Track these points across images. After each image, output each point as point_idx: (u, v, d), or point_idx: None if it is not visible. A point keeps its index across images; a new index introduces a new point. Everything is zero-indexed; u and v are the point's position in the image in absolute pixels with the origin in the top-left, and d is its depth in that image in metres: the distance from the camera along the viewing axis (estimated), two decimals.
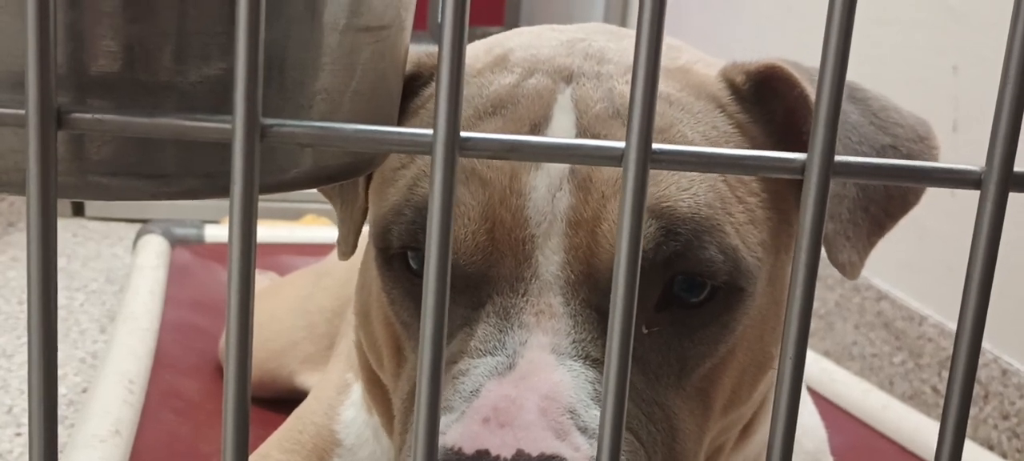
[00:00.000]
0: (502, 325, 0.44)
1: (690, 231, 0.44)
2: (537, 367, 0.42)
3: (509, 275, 0.45)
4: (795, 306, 0.27)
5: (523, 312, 0.44)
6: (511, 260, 0.45)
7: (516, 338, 0.43)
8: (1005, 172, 0.27)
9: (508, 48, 0.51)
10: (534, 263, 0.44)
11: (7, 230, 1.75)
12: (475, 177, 0.45)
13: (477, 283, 0.45)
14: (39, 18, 0.24)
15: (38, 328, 0.26)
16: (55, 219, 0.26)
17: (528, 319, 0.44)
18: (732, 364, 0.49)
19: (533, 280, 0.44)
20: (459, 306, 0.46)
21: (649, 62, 0.25)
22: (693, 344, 0.47)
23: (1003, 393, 1.12)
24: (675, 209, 0.45)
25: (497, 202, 0.45)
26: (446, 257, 0.26)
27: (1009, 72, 0.26)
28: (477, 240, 0.44)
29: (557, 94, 0.47)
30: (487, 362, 0.43)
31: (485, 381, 0.42)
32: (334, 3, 0.33)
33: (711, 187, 0.46)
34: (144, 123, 0.27)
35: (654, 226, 0.44)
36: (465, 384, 0.42)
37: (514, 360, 0.42)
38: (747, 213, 0.47)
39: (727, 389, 0.50)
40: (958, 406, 0.28)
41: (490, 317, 0.44)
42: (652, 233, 0.44)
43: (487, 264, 0.45)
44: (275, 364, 0.98)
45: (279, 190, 0.33)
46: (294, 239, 1.50)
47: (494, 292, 0.45)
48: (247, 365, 0.26)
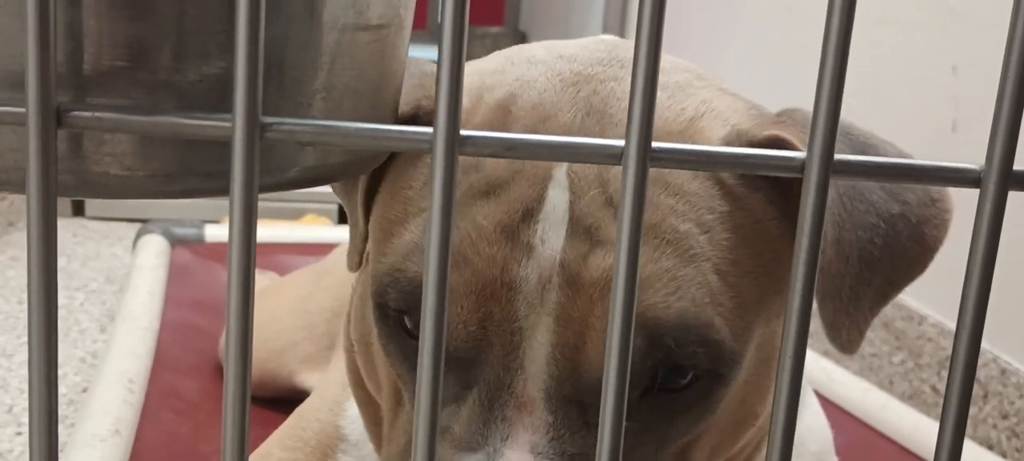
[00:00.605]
0: (486, 417, 0.45)
1: (676, 338, 0.45)
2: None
3: (496, 364, 0.46)
4: (795, 306, 0.27)
5: (507, 405, 0.45)
6: (499, 350, 0.46)
7: (498, 433, 0.45)
8: (1004, 171, 0.27)
9: (510, 93, 0.49)
10: (520, 355, 0.45)
11: (7, 230, 1.75)
12: (468, 266, 0.45)
13: (467, 365, 0.46)
14: (39, 17, 0.24)
15: (38, 327, 0.26)
16: (55, 217, 0.26)
17: (511, 413, 0.45)
18: (713, 431, 0.50)
19: (519, 372, 0.45)
20: (450, 382, 0.47)
21: (649, 62, 0.25)
22: (673, 426, 0.48)
23: (1002, 392, 1.12)
24: (662, 320, 0.45)
25: (489, 294, 0.45)
26: (445, 264, 0.26)
27: (1009, 71, 0.26)
28: (468, 329, 0.45)
29: (553, 169, 0.47)
30: (470, 459, 0.45)
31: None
32: (333, 2, 0.33)
33: (702, 284, 0.46)
34: (144, 121, 0.27)
35: (640, 339, 0.44)
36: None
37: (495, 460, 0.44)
38: (737, 299, 0.47)
39: (707, 451, 0.51)
40: (957, 405, 0.28)
41: (476, 404, 0.46)
42: (639, 344, 0.44)
43: (477, 350, 0.46)
44: (275, 364, 0.98)
45: (279, 189, 0.33)
46: (294, 239, 1.50)
47: (481, 377, 0.46)
48: (247, 365, 0.26)
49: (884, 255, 0.50)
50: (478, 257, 0.45)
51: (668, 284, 0.45)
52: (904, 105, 1.31)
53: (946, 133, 1.23)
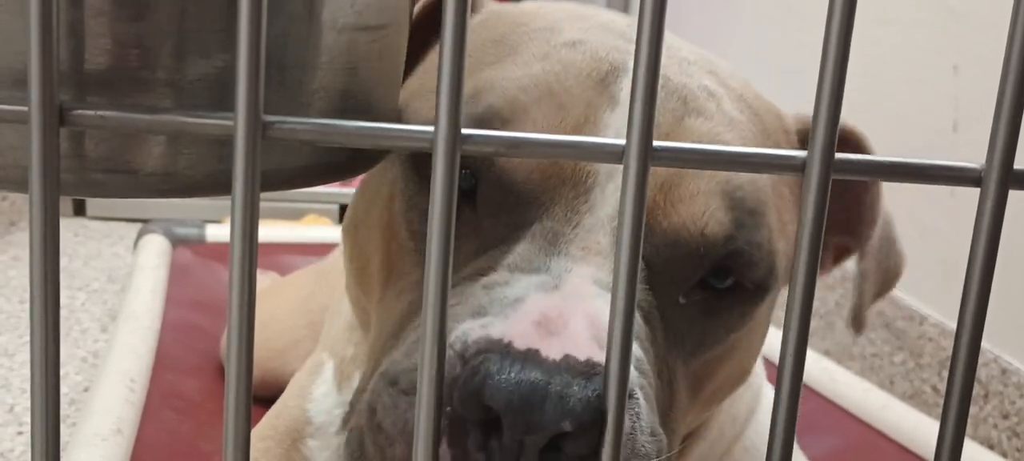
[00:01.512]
0: (548, 249, 0.43)
1: (752, 223, 0.45)
2: (582, 293, 0.41)
3: (563, 204, 0.43)
4: (795, 305, 0.27)
5: (571, 243, 0.43)
6: (569, 190, 0.43)
7: (561, 264, 0.42)
8: (1005, 169, 0.27)
9: (579, 39, 0.49)
10: (591, 200, 0.43)
11: (8, 230, 1.75)
12: (552, 99, 0.44)
13: (526, 202, 0.44)
14: (42, 16, 0.24)
15: (40, 327, 0.26)
16: (57, 216, 0.26)
17: (575, 251, 0.43)
18: (728, 361, 0.50)
19: (587, 215, 0.43)
20: (498, 223, 0.44)
21: (649, 61, 0.25)
22: (714, 326, 0.47)
23: (1003, 392, 1.12)
24: (746, 201, 0.45)
25: (570, 129, 0.44)
26: (447, 253, 0.26)
27: (1009, 71, 0.26)
28: (541, 161, 0.43)
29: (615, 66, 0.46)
30: (531, 278, 0.42)
31: (530, 292, 0.41)
32: (333, 2, 0.33)
33: (770, 186, 0.47)
34: (146, 120, 0.27)
35: (728, 218, 0.44)
36: (506, 292, 0.41)
37: (560, 282, 0.41)
38: (781, 224, 0.48)
39: (717, 383, 0.50)
40: (958, 405, 0.28)
41: (536, 238, 0.43)
42: (726, 224, 0.44)
43: (542, 187, 0.44)
44: (276, 364, 0.99)
45: (279, 187, 0.33)
46: (295, 239, 1.50)
47: (543, 215, 0.44)
48: (249, 364, 0.26)
49: (884, 263, 0.58)
50: (564, 93, 0.44)
51: (753, 175, 0.45)
52: (905, 105, 1.31)
53: (947, 133, 1.23)
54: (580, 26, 0.49)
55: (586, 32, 0.48)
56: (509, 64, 0.46)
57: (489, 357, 0.37)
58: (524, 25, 0.49)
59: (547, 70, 0.45)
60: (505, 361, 0.37)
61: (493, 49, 0.48)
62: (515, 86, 0.45)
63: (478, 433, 0.37)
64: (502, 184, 0.44)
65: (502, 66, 0.46)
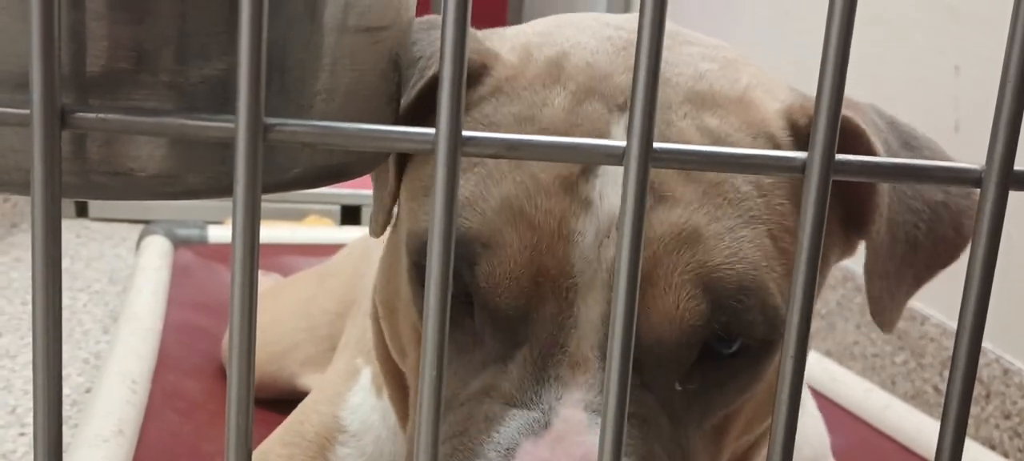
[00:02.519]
0: (538, 375, 0.44)
1: (737, 302, 0.44)
2: (571, 428, 0.42)
3: (549, 320, 0.44)
4: (796, 305, 0.27)
5: (560, 364, 0.44)
6: (552, 305, 0.44)
7: (552, 393, 0.43)
8: (1005, 170, 0.27)
9: (562, 50, 0.49)
10: (575, 312, 0.44)
11: (10, 231, 1.75)
12: (523, 219, 0.44)
13: (515, 324, 0.45)
14: (43, 19, 0.24)
15: (42, 328, 0.26)
16: (59, 218, 0.26)
17: (564, 372, 0.44)
18: (751, 404, 0.50)
19: (572, 330, 0.44)
20: (495, 341, 0.46)
21: (650, 61, 0.25)
22: (721, 394, 0.47)
23: (1005, 393, 1.12)
24: (724, 281, 0.44)
25: (544, 248, 0.44)
26: (448, 262, 0.26)
27: (1009, 72, 0.26)
28: (521, 285, 0.44)
29: (611, 126, 0.46)
30: (523, 416, 0.43)
31: (521, 440, 0.42)
32: (334, 4, 0.33)
33: (758, 246, 0.45)
34: (147, 123, 0.27)
35: (705, 303, 0.44)
36: (499, 437, 0.43)
37: (549, 418, 0.43)
38: (787, 265, 0.47)
39: (743, 423, 0.50)
40: (958, 405, 0.28)
41: (527, 363, 0.44)
42: (703, 310, 0.44)
43: (528, 307, 0.45)
44: (277, 366, 0.99)
45: (280, 190, 0.33)
46: (297, 240, 1.50)
47: (532, 335, 0.45)
48: (250, 366, 0.27)
49: (927, 240, 0.52)
50: (535, 210, 0.44)
51: (730, 244, 0.45)
52: (906, 105, 1.30)
53: (948, 133, 1.23)
54: (567, 100, 0.47)
55: (572, 108, 0.47)
56: (486, 179, 0.46)
57: None
58: (508, 113, 0.48)
59: (518, 185, 0.45)
60: None
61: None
62: (490, 208, 0.45)
63: None
64: (492, 310, 0.45)
65: (480, 181, 0.46)
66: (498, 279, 0.44)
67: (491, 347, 0.46)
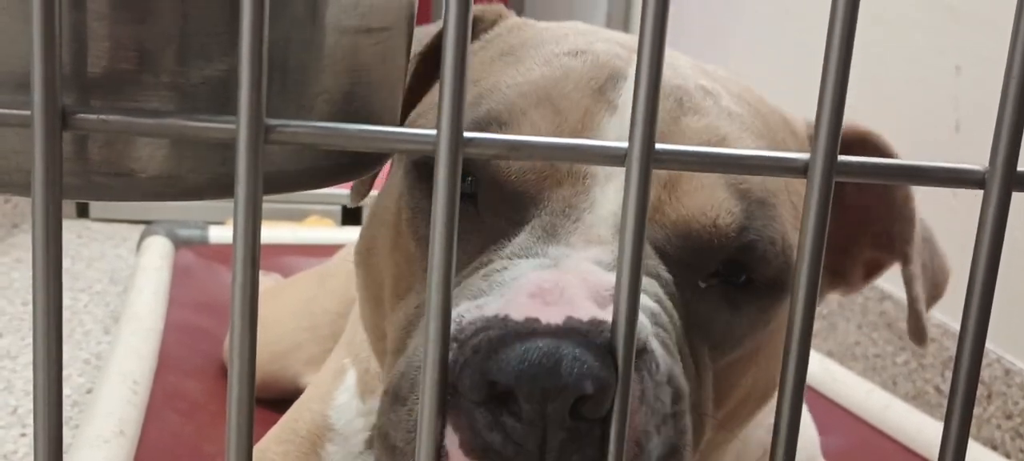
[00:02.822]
0: (546, 239, 0.42)
1: (763, 214, 0.45)
2: (582, 271, 0.40)
3: (563, 202, 0.43)
4: (798, 306, 0.27)
5: (571, 235, 0.42)
6: (568, 188, 0.43)
7: (560, 251, 0.41)
8: (1008, 172, 0.27)
9: (562, 31, 0.51)
10: (591, 198, 0.43)
11: (11, 231, 1.75)
12: (549, 103, 0.44)
13: (524, 201, 0.44)
14: (44, 19, 0.24)
15: (43, 329, 0.26)
16: (60, 219, 0.26)
17: (575, 240, 0.42)
18: (752, 367, 0.49)
19: (586, 213, 0.43)
20: (499, 219, 0.44)
21: (651, 62, 0.25)
22: (736, 317, 0.46)
23: (1006, 393, 1.12)
24: (752, 191, 0.45)
25: (567, 133, 0.44)
26: (450, 255, 0.26)
27: (1012, 72, 0.26)
28: (538, 163, 0.43)
29: (627, 65, 0.47)
30: (528, 261, 0.41)
31: (526, 271, 0.40)
32: (335, 5, 0.33)
33: (779, 180, 0.47)
34: (149, 124, 0.27)
35: (737, 208, 0.44)
36: (503, 275, 0.40)
37: (558, 262, 0.41)
38: (794, 218, 0.48)
39: (741, 392, 0.50)
40: (961, 406, 0.28)
41: (535, 230, 0.43)
42: (738, 213, 0.44)
43: (541, 185, 0.43)
44: (278, 366, 0.99)
45: (281, 190, 0.33)
46: (298, 240, 1.50)
47: (543, 211, 0.43)
48: (251, 366, 0.26)
49: (931, 264, 0.58)
50: (562, 98, 0.45)
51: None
52: (907, 106, 1.30)
53: (949, 134, 1.23)
54: (585, 39, 0.50)
55: (590, 44, 0.49)
56: (512, 71, 0.47)
57: (487, 335, 0.36)
58: (532, 36, 0.50)
59: (546, 76, 0.45)
60: (505, 335, 0.36)
61: (500, 60, 0.49)
62: (515, 92, 0.45)
63: (487, 413, 0.35)
64: (500, 185, 0.44)
65: (505, 73, 0.47)
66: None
67: (493, 227, 0.44)
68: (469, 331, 0.37)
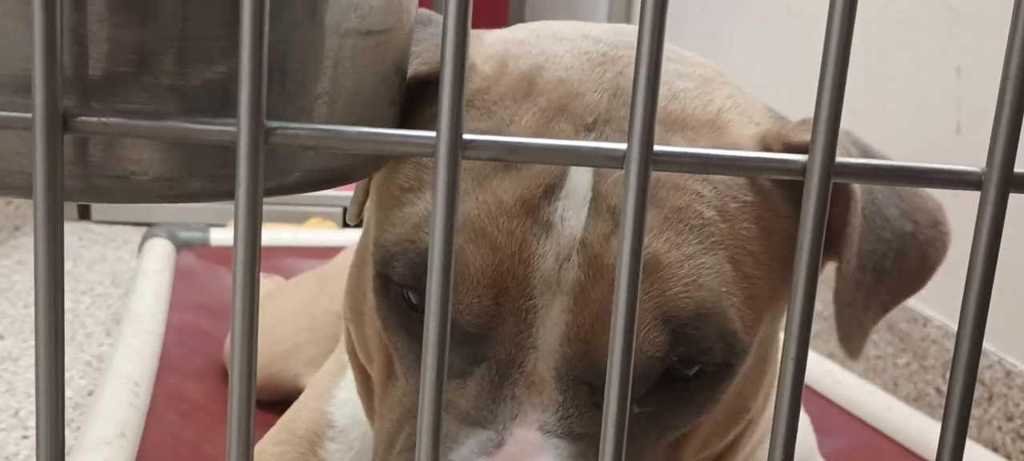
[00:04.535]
0: (495, 394, 0.45)
1: (695, 329, 0.45)
2: (524, 448, 0.43)
3: (507, 341, 0.45)
4: (797, 307, 0.27)
5: (516, 384, 0.45)
6: (512, 326, 0.45)
7: (507, 411, 0.44)
8: (1005, 173, 0.27)
9: (537, 64, 0.49)
10: (533, 333, 0.45)
11: (13, 234, 1.75)
12: (485, 240, 0.45)
13: (476, 341, 0.46)
14: (45, 22, 0.24)
15: (45, 331, 0.26)
16: (61, 222, 0.26)
17: (520, 392, 0.45)
18: (709, 423, 0.50)
19: (531, 350, 0.45)
20: (456, 356, 0.46)
21: (650, 63, 0.26)
22: (677, 416, 0.48)
23: (1007, 394, 1.12)
24: (682, 310, 0.45)
25: (505, 270, 0.45)
26: (449, 267, 0.26)
27: (1009, 74, 0.26)
28: (482, 304, 0.45)
29: None
30: (478, 436, 0.44)
31: (473, 459, 0.43)
32: (335, 7, 0.33)
33: (718, 274, 0.46)
34: (150, 126, 0.27)
35: (664, 335, 0.44)
36: (454, 456, 0.43)
37: (503, 437, 0.44)
38: (749, 290, 0.47)
39: (700, 442, 0.51)
40: (959, 408, 0.28)
41: (484, 380, 0.45)
42: (661, 342, 0.44)
43: (488, 326, 0.45)
44: (279, 367, 0.99)
45: (281, 193, 0.33)
46: (298, 242, 1.50)
47: (491, 354, 0.45)
48: (252, 368, 0.27)
49: (893, 269, 0.52)
50: (496, 231, 0.45)
51: (689, 272, 0.45)
52: (907, 107, 1.30)
53: (950, 135, 1.23)
54: (532, 114, 0.47)
55: (537, 129, 0.47)
56: None
57: None
58: (480, 123, 0.48)
59: (480, 205, 0.45)
60: None
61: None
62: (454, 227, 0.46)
63: None
64: (454, 324, 0.45)
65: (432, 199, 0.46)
66: (460, 296, 0.45)
67: (452, 364, 0.46)
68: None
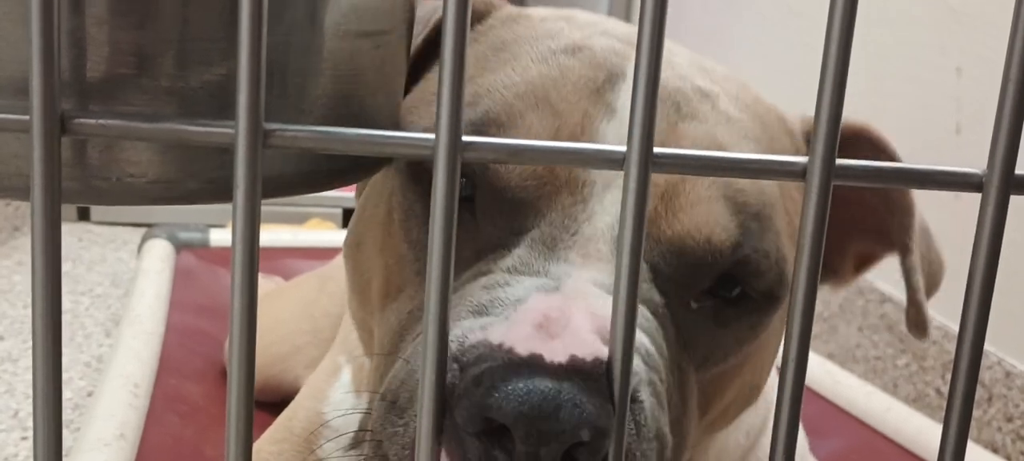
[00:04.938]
0: (547, 254, 0.42)
1: (759, 226, 0.44)
2: (584, 293, 0.40)
3: (561, 212, 0.43)
4: (797, 307, 0.27)
5: (570, 250, 0.42)
6: (566, 197, 0.43)
7: (561, 268, 0.41)
8: (1006, 175, 0.27)
9: (559, 27, 0.49)
10: (590, 209, 0.43)
11: (12, 234, 1.75)
12: (547, 106, 0.43)
13: (523, 210, 0.43)
14: (43, 25, 0.24)
15: (43, 332, 0.26)
16: (59, 224, 0.26)
17: (575, 257, 0.42)
18: (739, 376, 0.49)
19: (586, 224, 0.43)
20: (496, 228, 0.44)
21: (650, 63, 0.25)
22: (725, 334, 0.46)
23: (1007, 395, 1.12)
24: (748, 204, 0.44)
25: (566, 136, 0.43)
26: (448, 262, 0.26)
27: (1010, 75, 0.26)
28: (537, 168, 0.43)
29: (625, 63, 0.46)
30: (531, 280, 0.41)
31: (531, 293, 0.40)
32: (334, 9, 0.33)
33: (774, 188, 0.46)
34: (148, 128, 0.27)
35: (733, 224, 0.44)
36: (507, 293, 0.40)
37: (560, 284, 0.40)
38: (790, 230, 0.48)
39: (727, 399, 0.50)
40: (960, 409, 0.28)
41: (535, 243, 0.42)
42: (733, 227, 0.44)
43: (539, 194, 0.43)
44: (279, 368, 0.99)
45: (281, 194, 0.33)
46: (298, 243, 1.50)
47: (541, 222, 0.43)
48: (251, 369, 0.27)
49: (927, 256, 0.58)
50: (561, 100, 0.44)
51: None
52: (907, 107, 1.30)
53: (950, 135, 1.23)
54: (581, 33, 0.49)
55: (587, 38, 0.48)
56: (508, 69, 0.46)
57: (490, 365, 0.36)
58: (527, 31, 0.49)
59: (544, 76, 0.45)
60: (508, 369, 0.35)
61: (495, 56, 0.48)
62: (512, 92, 0.44)
63: (479, 444, 0.35)
64: (498, 191, 0.43)
65: (501, 71, 0.46)
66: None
67: (489, 234, 0.44)
68: (471, 355, 0.37)
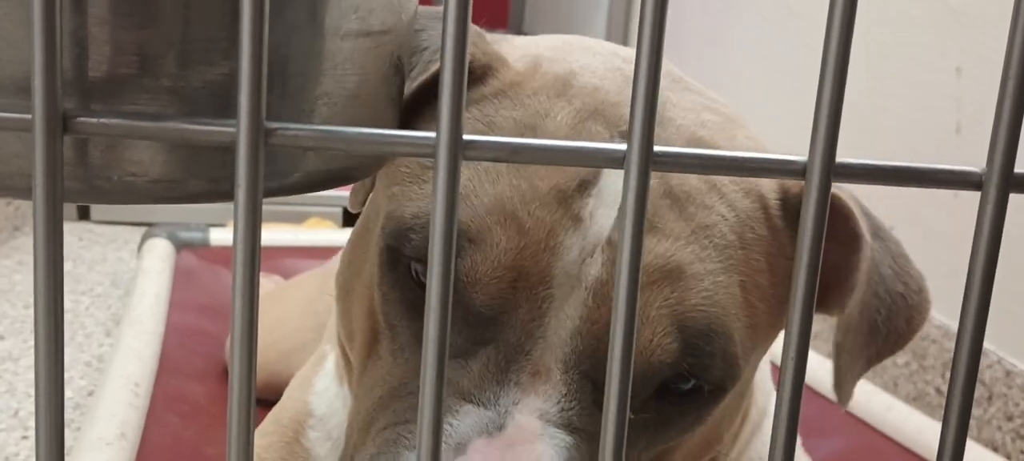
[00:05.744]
0: (499, 377, 0.45)
1: (706, 343, 0.46)
2: (525, 434, 0.43)
3: (518, 326, 0.45)
4: (797, 307, 0.27)
5: (522, 370, 0.45)
6: (525, 312, 0.45)
7: (510, 396, 0.44)
8: (1006, 174, 0.27)
9: (571, 69, 0.50)
10: (545, 322, 0.45)
11: (13, 234, 1.75)
12: (514, 223, 0.45)
13: (485, 323, 0.45)
14: (45, 24, 0.24)
15: (44, 331, 0.26)
16: (61, 223, 0.26)
17: (524, 378, 0.45)
18: (688, 444, 0.51)
19: (540, 339, 0.45)
20: (461, 337, 0.46)
21: (650, 63, 0.26)
22: (665, 430, 0.48)
23: (1007, 394, 1.12)
24: (696, 322, 0.45)
25: (528, 255, 0.45)
26: (449, 263, 0.26)
27: (1009, 74, 0.26)
28: (500, 286, 0.45)
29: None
30: (478, 415, 0.44)
31: (473, 437, 0.43)
32: (335, 8, 0.33)
33: (731, 295, 0.47)
34: (149, 127, 0.27)
35: (677, 342, 0.45)
36: (452, 430, 0.43)
37: (504, 421, 0.43)
38: (752, 319, 0.48)
39: (680, 458, 0.51)
40: (960, 408, 0.28)
41: (489, 362, 0.45)
42: (674, 349, 0.45)
43: (501, 308, 0.45)
44: (283, 366, 0.99)
45: (281, 194, 0.33)
46: (298, 242, 1.50)
47: (499, 337, 0.45)
48: (252, 368, 0.27)
49: (883, 327, 0.55)
50: (526, 216, 0.45)
51: (708, 287, 0.46)
52: (907, 107, 1.30)
53: (950, 135, 1.23)
54: (573, 114, 0.48)
55: (576, 125, 0.48)
56: (483, 173, 0.47)
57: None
58: (515, 117, 0.49)
59: (514, 188, 0.46)
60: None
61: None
62: (483, 206, 0.46)
63: None
64: (465, 303, 0.45)
65: (478, 174, 0.47)
66: (479, 275, 0.45)
67: (454, 343, 0.46)
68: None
